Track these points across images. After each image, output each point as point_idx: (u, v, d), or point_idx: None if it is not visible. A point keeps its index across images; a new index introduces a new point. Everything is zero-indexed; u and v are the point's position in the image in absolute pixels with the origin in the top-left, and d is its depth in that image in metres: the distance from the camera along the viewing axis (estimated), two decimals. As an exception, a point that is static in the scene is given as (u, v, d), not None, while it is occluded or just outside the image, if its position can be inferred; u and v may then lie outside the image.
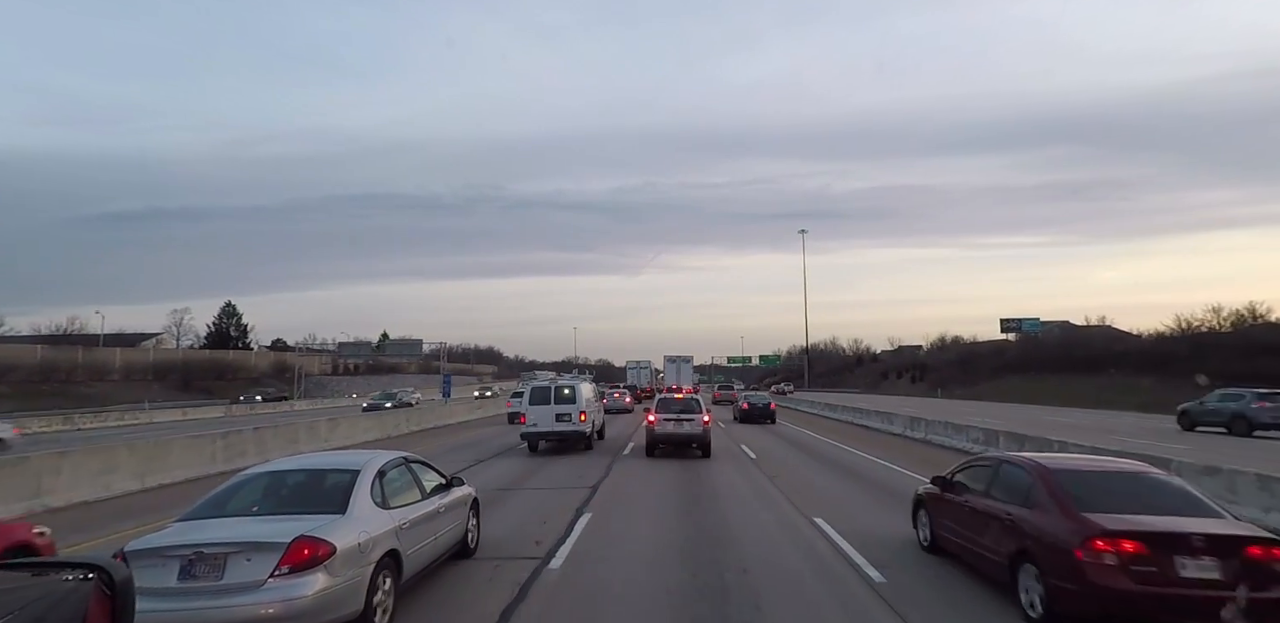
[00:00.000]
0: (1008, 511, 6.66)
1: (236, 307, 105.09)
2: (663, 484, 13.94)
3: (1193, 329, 66.99)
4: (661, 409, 18.50)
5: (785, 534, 9.54)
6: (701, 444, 18.22)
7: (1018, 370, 75.21)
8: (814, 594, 6.98)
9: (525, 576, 7.58)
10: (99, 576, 2.11)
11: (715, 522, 10.27)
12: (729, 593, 6.92)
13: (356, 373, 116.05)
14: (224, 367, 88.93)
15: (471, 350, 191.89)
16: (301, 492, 6.52)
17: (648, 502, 12.02)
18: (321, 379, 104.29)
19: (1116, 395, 54.28)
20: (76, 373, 71.28)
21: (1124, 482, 6.62)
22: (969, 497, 7.53)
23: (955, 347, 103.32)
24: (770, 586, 7.15)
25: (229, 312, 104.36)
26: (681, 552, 8.54)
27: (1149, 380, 56.91)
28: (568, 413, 19.70)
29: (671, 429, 18.03)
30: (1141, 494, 6.35)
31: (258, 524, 5.78)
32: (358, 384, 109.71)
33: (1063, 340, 78.60)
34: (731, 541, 9.13)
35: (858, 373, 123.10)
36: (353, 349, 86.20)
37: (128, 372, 77.64)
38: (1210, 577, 5.33)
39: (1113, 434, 24.55)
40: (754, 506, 11.61)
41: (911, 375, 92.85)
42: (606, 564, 8.05)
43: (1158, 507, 6.07)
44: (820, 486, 13.93)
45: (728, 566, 7.87)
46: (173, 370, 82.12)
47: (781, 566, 7.96)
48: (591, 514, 10.84)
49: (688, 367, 59.40)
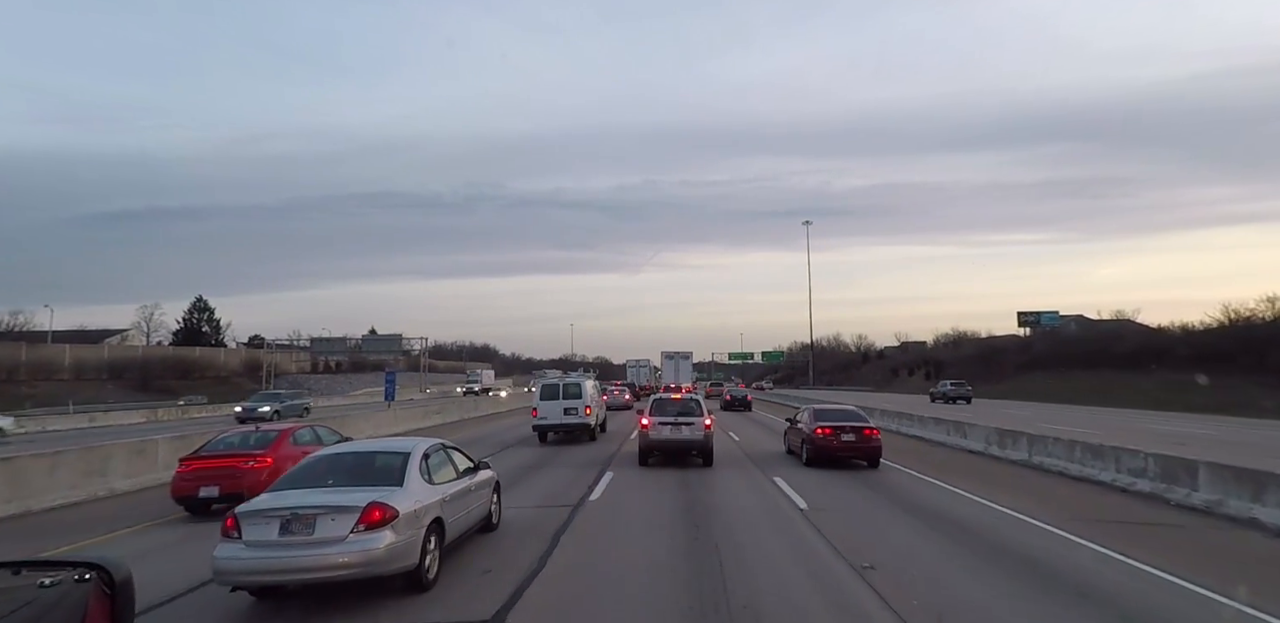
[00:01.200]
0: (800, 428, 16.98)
1: (208, 301, 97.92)
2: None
3: (1241, 321, 60.30)
4: (656, 412, 16.29)
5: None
6: (703, 452, 16.16)
7: (1044, 367, 68.60)
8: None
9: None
10: (99, 575, 2.11)
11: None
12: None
13: (338, 372, 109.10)
14: (189, 365, 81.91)
15: (466, 348, 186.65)
16: (364, 469, 7.67)
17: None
18: (298, 378, 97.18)
19: (1172, 395, 47.77)
20: (19, 372, 64.44)
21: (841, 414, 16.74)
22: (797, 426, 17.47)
23: (971, 342, 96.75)
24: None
25: (200, 307, 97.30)
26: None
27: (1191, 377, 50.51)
28: (574, 407, 21.48)
29: (668, 436, 15.98)
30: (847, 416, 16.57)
31: (336, 494, 6.93)
32: (338, 383, 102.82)
33: (1093, 336, 72.02)
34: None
35: (864, 371, 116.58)
36: (326, 346, 79.33)
37: (79, 371, 70.69)
38: (850, 440, 15.66)
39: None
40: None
41: (925, 372, 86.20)
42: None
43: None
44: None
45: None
46: (130, 369, 75.18)
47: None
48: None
49: (686, 364, 56.68)
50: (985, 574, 7.62)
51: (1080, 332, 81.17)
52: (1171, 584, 7.23)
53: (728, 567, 7.70)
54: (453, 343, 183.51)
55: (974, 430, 20.08)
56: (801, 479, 14.23)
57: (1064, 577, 7.50)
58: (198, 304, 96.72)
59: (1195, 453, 13.63)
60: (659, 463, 16.23)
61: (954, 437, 21.04)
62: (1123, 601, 6.76)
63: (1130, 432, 24.32)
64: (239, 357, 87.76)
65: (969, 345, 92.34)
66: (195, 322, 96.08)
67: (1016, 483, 14.07)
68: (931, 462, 17.27)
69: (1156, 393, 49.39)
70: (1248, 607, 6.42)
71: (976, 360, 77.83)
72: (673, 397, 17.52)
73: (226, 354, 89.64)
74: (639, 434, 16.80)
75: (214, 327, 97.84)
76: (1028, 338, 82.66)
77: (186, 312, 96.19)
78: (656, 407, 16.53)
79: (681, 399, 16.95)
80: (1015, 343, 78.34)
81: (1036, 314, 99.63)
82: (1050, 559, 8.21)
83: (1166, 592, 7.04)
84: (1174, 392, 49.15)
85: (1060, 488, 13.45)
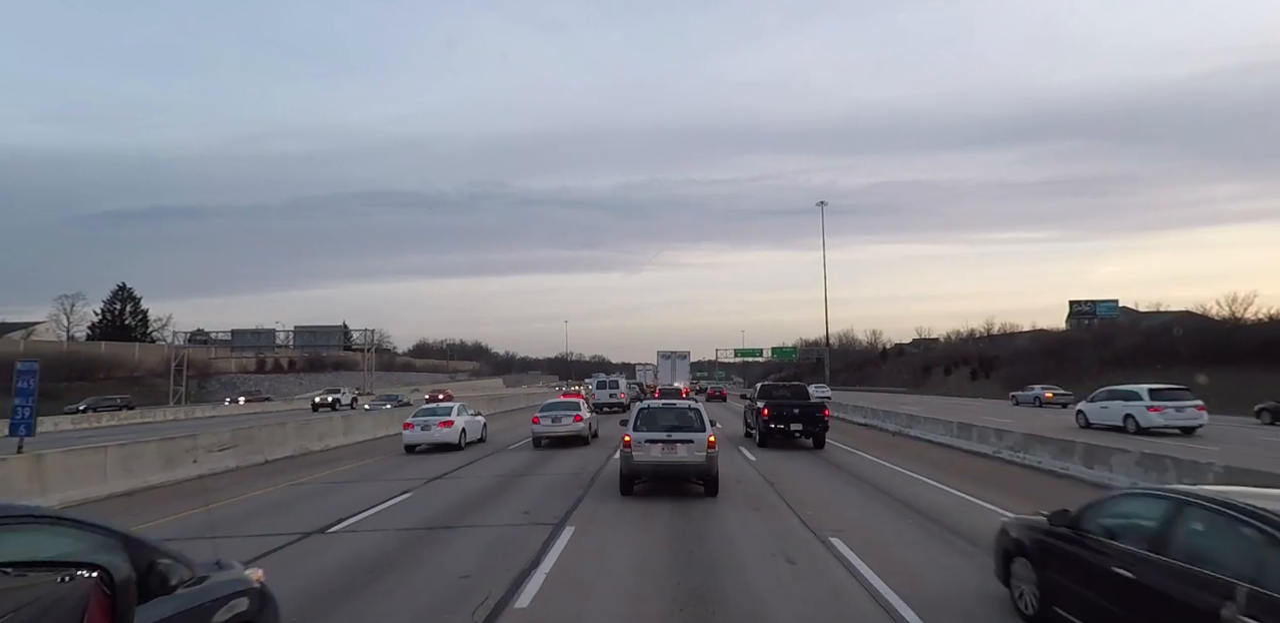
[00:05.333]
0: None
1: (133, 290, 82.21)
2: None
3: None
4: (645, 425, 11.38)
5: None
6: (705, 478, 11.11)
7: (1134, 364, 52.87)
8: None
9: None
10: (99, 575, 2.08)
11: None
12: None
13: (290, 371, 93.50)
14: (91, 364, 66.44)
15: (456, 346, 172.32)
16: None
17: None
18: (235, 379, 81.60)
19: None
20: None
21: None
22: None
23: (1024, 336, 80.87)
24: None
25: (123, 296, 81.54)
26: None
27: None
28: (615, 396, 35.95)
29: (658, 457, 11.02)
30: None
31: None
32: (285, 384, 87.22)
33: (1199, 329, 56.34)
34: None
35: (886, 369, 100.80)
36: (250, 339, 63.50)
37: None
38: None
39: None
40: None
41: (971, 371, 70.34)
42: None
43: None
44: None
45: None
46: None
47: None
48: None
49: (684, 364, 54.15)
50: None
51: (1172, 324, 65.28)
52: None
53: None
54: (441, 341, 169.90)
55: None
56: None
57: None
58: (120, 293, 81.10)
59: None
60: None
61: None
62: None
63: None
64: (157, 354, 71.96)
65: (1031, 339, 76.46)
66: (117, 314, 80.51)
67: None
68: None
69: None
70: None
71: (1039, 356, 62.07)
72: (666, 403, 12.75)
73: (143, 351, 73.84)
74: (621, 454, 11.46)
75: (140, 320, 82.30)
76: (1099, 330, 66.77)
77: (107, 302, 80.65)
78: (644, 418, 11.58)
79: (677, 408, 12.10)
80: (1096, 336, 62.46)
81: (1092, 303, 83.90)
82: None
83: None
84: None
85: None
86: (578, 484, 12.39)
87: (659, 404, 12.62)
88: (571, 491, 11.71)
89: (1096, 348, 56.62)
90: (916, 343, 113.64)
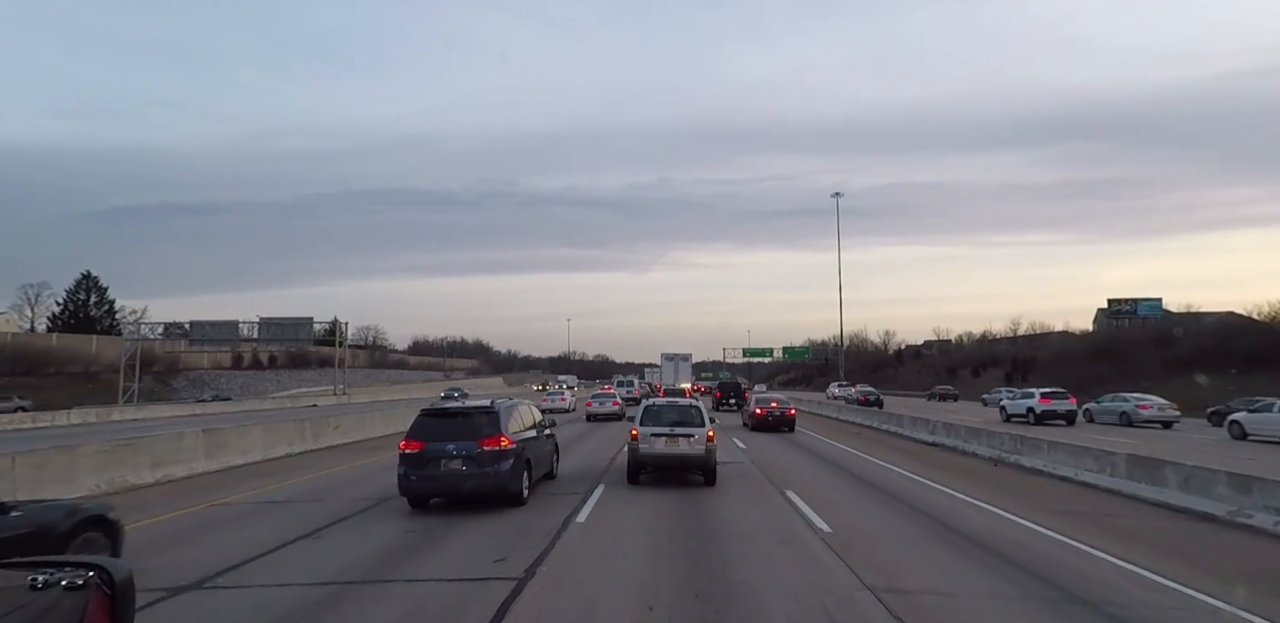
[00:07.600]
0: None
1: (99, 279, 75.51)
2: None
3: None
4: (649, 421, 12.83)
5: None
6: (705, 469, 12.46)
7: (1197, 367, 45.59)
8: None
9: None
10: (99, 575, 2.01)
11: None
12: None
13: (269, 368, 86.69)
14: (41, 358, 59.77)
15: (457, 344, 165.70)
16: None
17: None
18: (205, 375, 74.83)
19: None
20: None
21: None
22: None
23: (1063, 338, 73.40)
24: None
25: (87, 285, 74.82)
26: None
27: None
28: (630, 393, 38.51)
29: (662, 449, 12.43)
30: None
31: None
32: (261, 381, 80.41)
33: (1233, 331, 49.14)
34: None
35: (904, 371, 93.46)
36: (209, 332, 56.55)
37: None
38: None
39: None
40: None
41: (1006, 374, 62.99)
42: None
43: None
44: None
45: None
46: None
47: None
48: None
49: (686, 366, 54.47)
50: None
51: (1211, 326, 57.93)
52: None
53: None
54: (440, 338, 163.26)
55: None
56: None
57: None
58: (84, 282, 74.42)
59: None
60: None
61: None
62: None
63: None
64: (115, 347, 65.08)
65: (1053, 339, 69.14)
66: (79, 304, 73.87)
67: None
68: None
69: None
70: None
71: (1086, 358, 54.79)
72: (669, 401, 13.96)
73: (101, 344, 67.00)
74: (628, 447, 13.16)
75: (107, 311, 75.63)
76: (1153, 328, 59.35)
77: (70, 292, 74.01)
78: (649, 415, 13.06)
79: (680, 406, 13.41)
80: (1151, 336, 55.09)
81: (1133, 302, 76.29)
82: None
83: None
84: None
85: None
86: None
87: (663, 402, 13.72)
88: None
89: (1158, 349, 49.24)
90: (929, 344, 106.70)
